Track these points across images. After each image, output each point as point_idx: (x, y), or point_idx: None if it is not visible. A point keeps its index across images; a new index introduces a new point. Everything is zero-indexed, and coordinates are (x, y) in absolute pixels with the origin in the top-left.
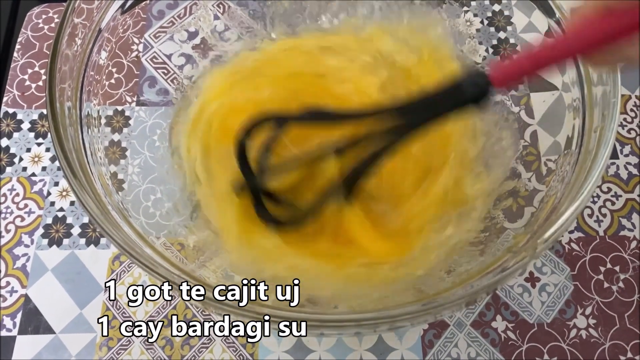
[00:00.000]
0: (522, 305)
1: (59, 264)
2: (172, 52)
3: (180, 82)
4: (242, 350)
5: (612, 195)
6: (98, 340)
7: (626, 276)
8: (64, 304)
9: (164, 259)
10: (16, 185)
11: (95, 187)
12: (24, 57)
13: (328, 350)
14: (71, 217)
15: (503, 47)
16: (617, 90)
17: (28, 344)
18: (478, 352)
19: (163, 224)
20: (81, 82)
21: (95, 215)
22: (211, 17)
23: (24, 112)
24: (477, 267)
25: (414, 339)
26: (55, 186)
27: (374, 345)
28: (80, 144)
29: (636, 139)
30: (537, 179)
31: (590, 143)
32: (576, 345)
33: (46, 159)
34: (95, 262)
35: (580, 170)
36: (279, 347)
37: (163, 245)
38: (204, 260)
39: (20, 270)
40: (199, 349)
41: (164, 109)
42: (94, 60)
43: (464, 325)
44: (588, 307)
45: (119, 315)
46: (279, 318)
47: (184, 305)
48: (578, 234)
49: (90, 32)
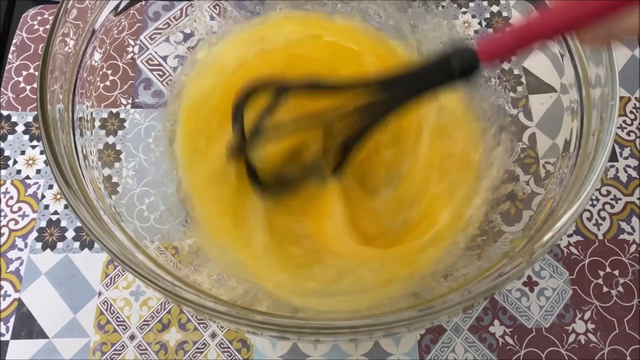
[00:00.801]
0: (520, 310)
1: (52, 268)
2: (168, 54)
3: (176, 84)
4: (237, 354)
5: (612, 199)
6: (92, 345)
7: (625, 280)
8: (57, 308)
9: (157, 266)
10: (10, 188)
11: (87, 191)
12: (19, 59)
13: (324, 355)
14: (65, 220)
15: None
16: (616, 93)
17: (21, 348)
18: (475, 357)
19: (157, 227)
20: (74, 84)
21: (87, 223)
22: (207, 19)
23: (18, 115)
24: (474, 271)
25: (411, 344)
26: (49, 189)
27: (370, 350)
28: (72, 148)
29: (636, 142)
30: (536, 181)
31: (589, 146)
32: (575, 351)
33: (40, 161)
34: (90, 266)
35: (579, 173)
36: (274, 352)
37: (157, 250)
38: (198, 265)
39: (14, 274)
40: (194, 354)
41: (159, 111)
42: (88, 62)
43: (462, 330)
44: (587, 312)
45: (112, 319)
46: (273, 325)
47: (178, 310)
48: (577, 237)
49: (84, 33)
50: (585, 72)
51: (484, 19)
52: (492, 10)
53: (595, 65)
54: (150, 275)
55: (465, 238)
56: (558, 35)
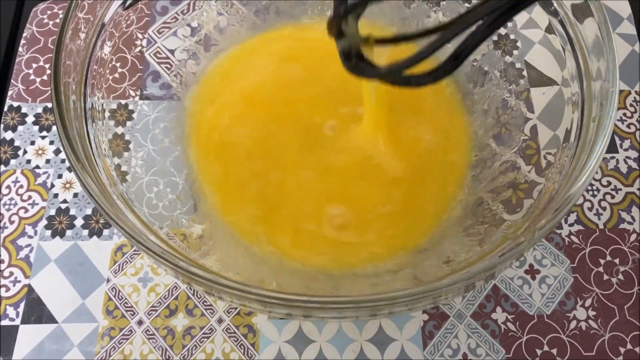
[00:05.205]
0: (522, 297)
1: (61, 255)
2: (176, 47)
3: (184, 77)
4: (244, 340)
5: (612, 189)
6: (100, 330)
7: (626, 269)
8: (66, 294)
9: (169, 246)
10: (20, 178)
11: (100, 176)
12: (29, 52)
13: (329, 340)
14: (74, 208)
15: (503, 43)
16: (616, 81)
17: (31, 333)
18: (478, 343)
19: (166, 215)
20: (85, 76)
21: (100, 201)
22: (214, 13)
23: (28, 106)
24: (475, 256)
25: (414, 329)
26: (59, 178)
27: (375, 335)
28: (85, 136)
29: (636, 134)
30: (537, 172)
31: (589, 134)
32: (576, 337)
33: (50, 151)
34: (98, 253)
35: (578, 160)
36: (280, 337)
37: (166, 235)
38: (206, 250)
39: (24, 260)
40: (200, 339)
41: (167, 103)
42: (98, 54)
43: (464, 317)
44: (588, 299)
45: (120, 305)
46: (281, 300)
47: (185, 296)
48: (578, 227)
49: (94, 27)
50: (587, 65)
51: None
52: None
53: (596, 58)
54: (165, 253)
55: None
56: None
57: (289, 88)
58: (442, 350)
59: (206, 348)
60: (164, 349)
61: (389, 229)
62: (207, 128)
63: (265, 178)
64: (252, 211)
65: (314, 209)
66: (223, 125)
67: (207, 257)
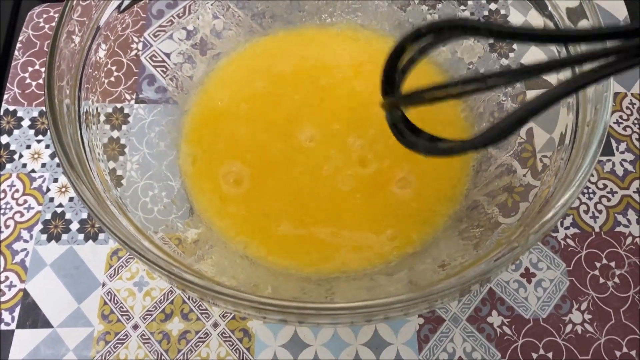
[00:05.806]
0: (517, 301)
1: (57, 259)
2: (171, 51)
3: (179, 81)
4: (239, 344)
5: (608, 192)
6: (95, 334)
7: (621, 272)
8: (62, 298)
9: (163, 252)
10: (16, 182)
11: (94, 182)
12: (25, 56)
13: (324, 344)
14: (70, 212)
15: (499, 46)
16: (610, 85)
17: (26, 337)
18: (474, 347)
19: (161, 219)
20: (80, 80)
21: (93, 208)
22: (210, 16)
23: (24, 110)
24: (471, 260)
25: (410, 333)
26: (54, 182)
27: (370, 339)
28: (79, 141)
29: (632, 136)
30: (532, 175)
31: (584, 137)
32: (572, 340)
33: (46, 155)
34: (94, 257)
35: (573, 163)
36: (276, 341)
37: (161, 240)
38: (201, 255)
39: (19, 265)
40: (196, 343)
41: (162, 107)
42: (93, 58)
43: (460, 320)
44: (584, 303)
45: (116, 309)
46: (276, 307)
47: (181, 300)
48: (574, 230)
49: (89, 30)
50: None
51: (482, 17)
52: (490, 8)
53: (591, 62)
54: (158, 259)
55: None
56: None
57: (280, 97)
58: (437, 354)
59: (202, 352)
60: (159, 354)
61: (384, 232)
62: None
63: (256, 182)
64: (240, 214)
65: (305, 214)
66: (219, 126)
67: (202, 261)
